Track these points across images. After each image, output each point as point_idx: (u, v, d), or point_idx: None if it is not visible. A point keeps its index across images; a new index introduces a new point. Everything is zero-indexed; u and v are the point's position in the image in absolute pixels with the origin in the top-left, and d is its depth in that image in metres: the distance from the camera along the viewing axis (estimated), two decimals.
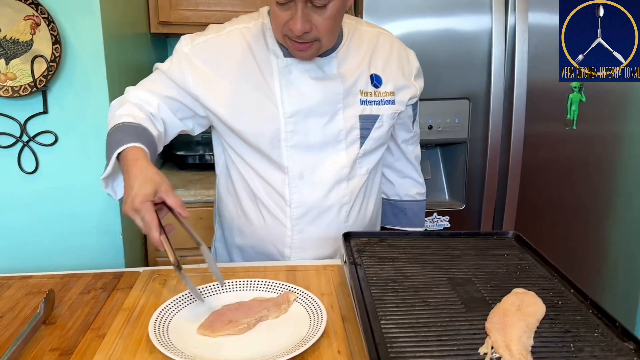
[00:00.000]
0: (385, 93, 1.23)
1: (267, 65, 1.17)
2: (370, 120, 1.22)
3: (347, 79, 1.19)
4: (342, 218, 1.25)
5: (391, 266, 0.97)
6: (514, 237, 1.11)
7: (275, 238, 1.25)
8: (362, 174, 1.25)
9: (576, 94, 1.76)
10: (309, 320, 0.92)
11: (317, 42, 1.08)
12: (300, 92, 1.16)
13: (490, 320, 0.77)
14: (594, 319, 0.80)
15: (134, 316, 0.96)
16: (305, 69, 1.16)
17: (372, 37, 1.25)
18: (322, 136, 1.19)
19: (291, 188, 1.21)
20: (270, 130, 1.17)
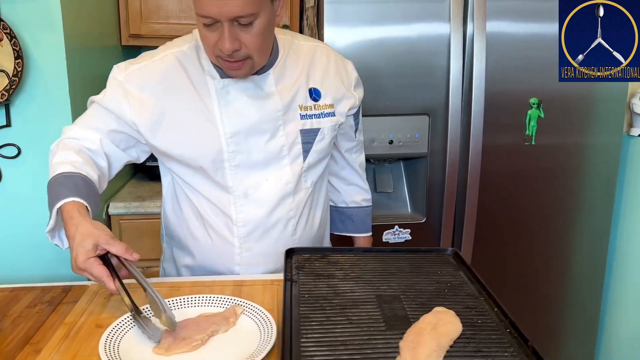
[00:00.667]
0: (324, 106, 1.25)
1: (204, 87, 1.17)
2: (312, 134, 1.24)
3: (286, 95, 1.21)
4: (289, 232, 1.27)
5: (326, 283, 1.00)
6: (452, 254, 1.14)
7: (224, 257, 1.27)
8: (308, 187, 1.28)
9: (535, 110, 1.79)
10: (259, 334, 0.94)
11: (249, 59, 1.09)
12: (239, 112, 1.18)
13: (405, 338, 0.80)
14: (509, 338, 0.83)
15: (74, 331, 0.98)
16: (242, 89, 1.18)
17: (308, 50, 1.27)
18: (265, 154, 1.21)
19: (237, 207, 1.22)
20: (212, 152, 1.18)
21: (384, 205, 1.91)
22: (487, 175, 1.80)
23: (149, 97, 1.16)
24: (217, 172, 1.20)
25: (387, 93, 1.72)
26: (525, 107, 1.79)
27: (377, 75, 1.70)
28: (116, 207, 1.94)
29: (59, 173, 1.09)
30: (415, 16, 1.68)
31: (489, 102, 1.74)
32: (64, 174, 1.08)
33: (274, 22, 1.11)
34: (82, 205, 1.03)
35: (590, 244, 1.98)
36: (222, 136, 1.18)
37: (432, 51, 1.71)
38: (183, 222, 1.29)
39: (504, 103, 1.77)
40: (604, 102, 1.83)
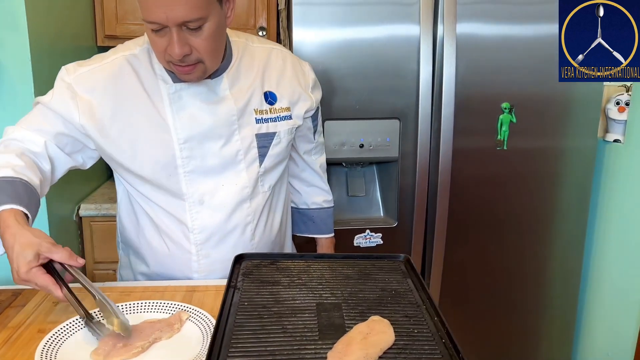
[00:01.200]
0: (280, 109, 1.24)
1: (157, 92, 1.16)
2: (268, 138, 1.23)
3: (240, 98, 1.19)
4: (247, 237, 1.26)
5: (269, 290, 0.99)
6: (405, 260, 1.13)
7: (181, 264, 1.25)
8: (265, 190, 1.27)
9: (506, 115, 1.78)
10: (202, 339, 0.93)
11: (200, 63, 1.07)
12: (192, 117, 1.16)
13: (334, 348, 0.79)
14: (442, 349, 0.82)
15: (15, 336, 0.97)
16: (195, 93, 1.16)
17: (262, 53, 1.25)
18: (220, 159, 1.19)
19: (192, 214, 1.21)
20: (165, 158, 1.16)
21: (356, 209, 1.90)
22: (458, 180, 1.79)
23: (99, 101, 1.14)
24: (170, 178, 1.18)
25: (358, 96, 1.71)
26: (497, 112, 1.78)
27: (347, 78, 1.69)
28: (87, 209, 1.93)
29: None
30: (385, 18, 1.67)
31: (460, 106, 1.73)
32: (4, 179, 1.03)
33: (225, 24, 1.10)
34: (20, 213, 0.99)
35: (565, 249, 1.97)
36: (175, 142, 1.16)
37: (402, 54, 1.70)
38: (139, 230, 1.28)
39: (475, 107, 1.76)
40: (578, 107, 1.82)
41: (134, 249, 1.32)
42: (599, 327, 2.02)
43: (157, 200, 1.22)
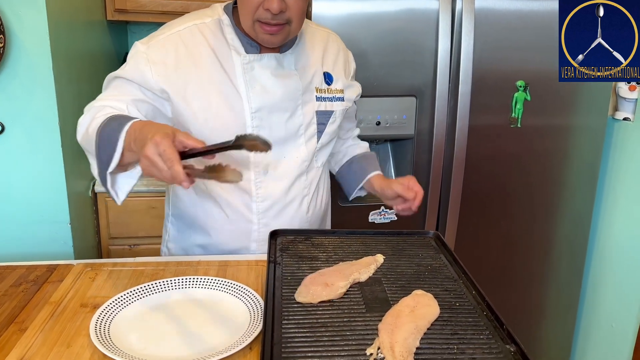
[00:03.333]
0: (336, 90, 1.30)
1: (229, 61, 1.18)
2: (326, 116, 1.28)
3: (304, 75, 1.24)
4: (303, 210, 1.30)
5: (308, 265, 1.01)
6: (434, 236, 1.16)
7: (241, 234, 1.28)
8: (318, 166, 1.32)
9: (521, 93, 1.80)
10: (249, 314, 0.95)
11: (287, 25, 1.11)
12: (264, 88, 1.19)
13: (384, 321, 0.82)
14: (485, 321, 0.85)
15: (59, 310, 0.99)
16: (266, 66, 1.19)
17: (322, 36, 1.31)
18: (285, 131, 1.23)
19: (257, 183, 1.24)
20: (236, 125, 1.18)
21: None
22: (472, 157, 1.81)
23: (173, 65, 1.14)
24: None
25: (375, 73, 1.72)
26: (512, 90, 1.80)
27: (365, 54, 1.69)
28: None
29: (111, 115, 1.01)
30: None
31: (476, 84, 1.74)
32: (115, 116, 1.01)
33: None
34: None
35: (572, 226, 2.01)
36: (246, 110, 1.19)
37: (421, 29, 1.70)
38: (197, 201, 1.29)
39: (491, 84, 1.77)
40: (589, 85, 1.84)
41: (189, 220, 1.33)
42: (604, 301, 2.08)
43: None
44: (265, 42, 1.15)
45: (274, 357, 0.74)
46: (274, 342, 0.77)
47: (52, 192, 1.63)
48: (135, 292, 1.02)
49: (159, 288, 1.05)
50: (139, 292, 1.03)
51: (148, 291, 1.03)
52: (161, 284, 1.05)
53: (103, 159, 0.98)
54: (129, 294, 1.01)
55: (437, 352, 0.77)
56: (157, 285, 1.05)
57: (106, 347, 0.84)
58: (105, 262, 1.19)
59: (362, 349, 0.76)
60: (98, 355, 0.85)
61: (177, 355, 0.85)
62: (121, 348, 0.85)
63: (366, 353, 0.75)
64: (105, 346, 0.84)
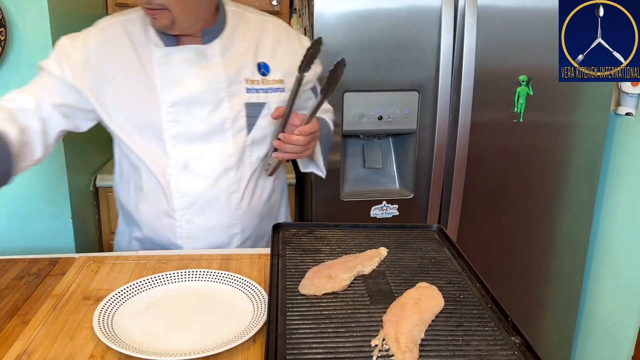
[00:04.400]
0: (273, 81, 1.24)
1: (147, 55, 1.17)
2: (257, 108, 1.23)
3: (231, 66, 1.19)
4: (232, 206, 1.26)
5: (312, 258, 1.01)
6: (437, 230, 1.15)
7: (166, 229, 1.26)
8: (253, 161, 1.26)
9: (524, 88, 1.80)
10: (253, 306, 0.95)
11: (165, 10, 1.08)
12: (180, 82, 1.17)
13: (388, 313, 0.81)
14: (489, 313, 0.85)
15: (61, 303, 0.99)
16: (185, 58, 1.16)
17: (257, 24, 1.25)
18: (206, 125, 1.19)
19: (175, 179, 1.22)
20: (151, 120, 1.18)
21: (372, 180, 1.92)
22: (474, 152, 1.81)
23: (91, 62, 1.16)
24: (156, 141, 1.20)
25: (378, 68, 1.71)
26: (515, 85, 1.79)
27: (367, 49, 1.69)
28: (103, 180, 1.93)
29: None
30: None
31: (479, 79, 1.74)
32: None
33: None
34: None
35: (574, 221, 2.01)
36: (161, 105, 1.17)
37: (423, 25, 1.69)
38: (129, 194, 1.30)
39: (494, 80, 1.77)
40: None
41: (127, 214, 1.33)
42: (605, 296, 2.08)
43: (145, 164, 1.23)
44: (153, 25, 1.15)
45: (278, 348, 0.74)
46: (279, 333, 0.77)
47: (53, 187, 1.62)
48: (139, 284, 1.02)
49: (162, 281, 1.04)
50: (142, 284, 1.02)
51: (151, 284, 1.03)
52: (164, 277, 1.05)
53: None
54: (132, 287, 1.01)
55: (442, 343, 0.77)
56: (160, 278, 1.05)
57: (109, 339, 0.84)
58: (107, 255, 1.19)
59: (367, 340, 0.76)
60: (101, 347, 0.85)
61: (180, 347, 0.85)
62: (124, 340, 0.85)
63: (371, 344, 0.75)
64: (108, 338, 0.84)
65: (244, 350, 0.85)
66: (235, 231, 1.30)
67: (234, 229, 1.29)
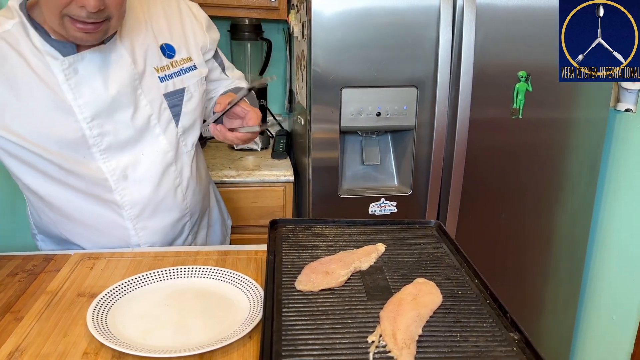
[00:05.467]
0: (182, 61, 1.17)
1: (47, 70, 1.02)
2: (178, 96, 1.16)
3: (137, 58, 1.10)
4: (179, 200, 1.24)
5: (309, 254, 1.00)
6: (436, 226, 1.14)
7: (120, 241, 1.22)
8: (189, 150, 1.23)
9: (523, 84, 1.78)
10: (249, 303, 0.94)
11: (107, 21, 0.97)
12: (94, 91, 1.06)
13: (386, 308, 0.80)
14: (488, 309, 0.84)
15: (55, 300, 0.98)
16: (91, 63, 1.04)
17: (143, 3, 1.15)
18: (133, 129, 1.12)
19: (119, 191, 1.15)
20: (74, 140, 1.07)
21: (370, 177, 1.91)
22: (473, 149, 1.80)
23: None
24: (85, 160, 1.10)
25: (376, 64, 1.70)
26: (514, 80, 1.78)
27: (366, 45, 1.67)
28: None
29: None
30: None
31: (478, 75, 1.72)
32: None
33: None
34: None
35: (573, 218, 2.00)
36: (81, 121, 1.06)
37: (422, 21, 1.68)
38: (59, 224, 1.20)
39: (493, 76, 1.75)
40: None
41: (58, 239, 1.26)
42: (604, 293, 2.08)
43: (77, 187, 1.13)
44: (79, 41, 0.99)
45: (273, 345, 0.73)
46: (274, 329, 0.76)
47: None
48: (134, 281, 1.01)
49: (157, 277, 1.03)
50: (138, 281, 1.01)
51: (146, 280, 1.02)
52: (160, 273, 1.04)
53: None
54: (128, 283, 1.00)
55: (439, 339, 0.76)
56: (156, 275, 1.04)
57: (103, 335, 0.83)
58: (103, 252, 1.18)
59: (364, 336, 0.75)
60: (95, 344, 0.84)
61: (175, 344, 0.84)
62: (118, 337, 0.84)
63: (368, 340, 0.74)
64: (102, 335, 0.83)
65: (239, 347, 0.84)
66: (185, 220, 1.29)
67: (184, 219, 1.29)
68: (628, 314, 1.95)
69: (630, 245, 1.94)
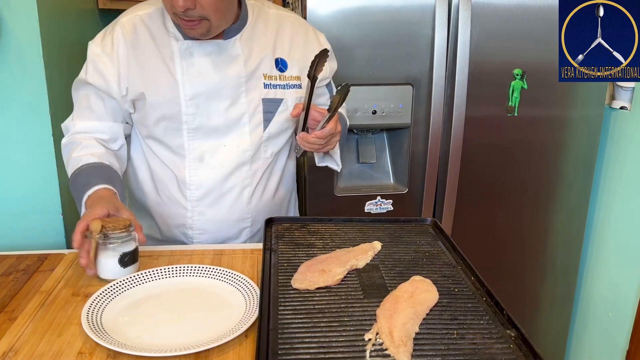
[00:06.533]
0: (290, 77, 1.25)
1: (168, 48, 1.18)
2: (274, 104, 1.23)
3: (251, 62, 1.20)
4: (244, 200, 1.27)
5: (305, 252, 1.00)
6: (432, 224, 1.14)
7: (177, 220, 1.28)
8: (267, 157, 1.28)
9: (518, 82, 1.79)
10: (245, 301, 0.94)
11: (205, 20, 1.08)
12: (201, 74, 1.17)
13: (382, 306, 0.80)
14: (484, 306, 0.84)
15: (50, 299, 0.97)
16: (206, 52, 1.17)
17: (276, 19, 1.26)
18: (225, 119, 1.20)
19: (190, 170, 1.23)
20: (171, 112, 1.18)
21: (366, 175, 1.91)
22: (469, 146, 1.80)
23: (121, 61, 1.18)
24: (175, 133, 1.21)
25: (371, 62, 1.70)
26: (509, 78, 1.78)
27: (361, 43, 1.67)
28: None
29: (86, 164, 1.15)
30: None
31: (473, 73, 1.72)
32: (90, 165, 1.15)
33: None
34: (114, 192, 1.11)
35: (569, 216, 2.01)
36: (181, 97, 1.17)
37: (417, 19, 1.68)
38: (138, 185, 1.31)
39: (488, 74, 1.76)
40: None
41: (138, 203, 1.34)
42: (600, 290, 2.08)
43: (160, 154, 1.24)
44: (187, 34, 1.15)
45: (270, 343, 0.72)
46: (270, 328, 0.76)
47: (43, 182, 1.60)
48: (129, 280, 1.00)
49: (152, 276, 1.03)
50: (133, 280, 1.01)
51: (141, 279, 1.02)
52: (155, 272, 1.03)
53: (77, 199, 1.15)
54: (122, 282, 0.99)
55: (436, 337, 0.75)
56: (151, 274, 1.03)
57: (98, 335, 0.82)
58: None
59: (360, 334, 0.75)
60: (90, 343, 0.84)
61: (171, 343, 0.83)
62: (113, 336, 0.84)
63: (364, 338, 0.74)
64: (97, 334, 0.82)
65: (235, 346, 0.84)
66: (245, 225, 1.31)
67: (244, 223, 1.30)
68: (623, 310, 1.95)
69: (626, 242, 1.95)
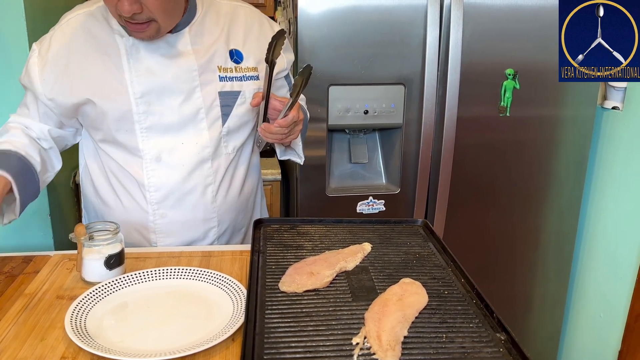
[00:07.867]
0: (247, 69, 1.21)
1: (113, 46, 1.13)
2: (232, 97, 1.19)
3: (202, 54, 1.16)
4: (208, 199, 1.23)
5: (293, 254, 0.98)
6: (423, 225, 1.13)
7: (138, 224, 1.23)
8: (229, 152, 1.24)
9: (510, 82, 1.78)
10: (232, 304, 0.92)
11: (153, 22, 1.04)
12: (150, 71, 1.13)
13: (370, 309, 0.79)
14: (474, 309, 0.83)
15: (33, 302, 0.95)
16: (154, 47, 1.13)
17: (229, 10, 1.22)
18: (179, 116, 1.16)
19: (148, 172, 1.19)
20: (120, 112, 1.14)
21: (358, 176, 1.90)
22: (461, 146, 1.79)
23: (59, 63, 1.13)
24: (127, 134, 1.16)
25: (363, 61, 1.69)
26: (501, 78, 1.77)
27: (352, 42, 1.66)
28: None
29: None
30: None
31: (465, 73, 1.72)
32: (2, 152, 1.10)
33: None
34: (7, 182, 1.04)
35: (561, 216, 2.00)
36: (131, 96, 1.13)
37: (409, 19, 1.67)
38: (95, 189, 1.27)
39: (480, 73, 1.75)
40: None
41: (95, 211, 1.30)
42: (592, 291, 2.08)
43: (115, 157, 1.20)
44: (136, 37, 1.10)
45: (255, 348, 0.71)
46: (256, 332, 0.74)
47: None
48: (114, 282, 0.99)
49: (138, 279, 1.01)
50: (118, 282, 0.99)
51: (128, 282, 1.00)
52: (141, 275, 1.02)
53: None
54: (108, 285, 0.97)
55: (425, 340, 0.74)
56: (137, 276, 1.01)
57: (81, 339, 0.81)
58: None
59: (348, 338, 0.74)
60: (73, 348, 0.82)
61: (156, 348, 0.81)
62: (98, 341, 0.82)
63: (352, 342, 0.73)
64: (80, 339, 0.81)
65: (222, 350, 0.82)
66: (211, 225, 1.27)
67: (210, 223, 1.26)
68: (615, 311, 1.95)
69: (618, 242, 1.95)
